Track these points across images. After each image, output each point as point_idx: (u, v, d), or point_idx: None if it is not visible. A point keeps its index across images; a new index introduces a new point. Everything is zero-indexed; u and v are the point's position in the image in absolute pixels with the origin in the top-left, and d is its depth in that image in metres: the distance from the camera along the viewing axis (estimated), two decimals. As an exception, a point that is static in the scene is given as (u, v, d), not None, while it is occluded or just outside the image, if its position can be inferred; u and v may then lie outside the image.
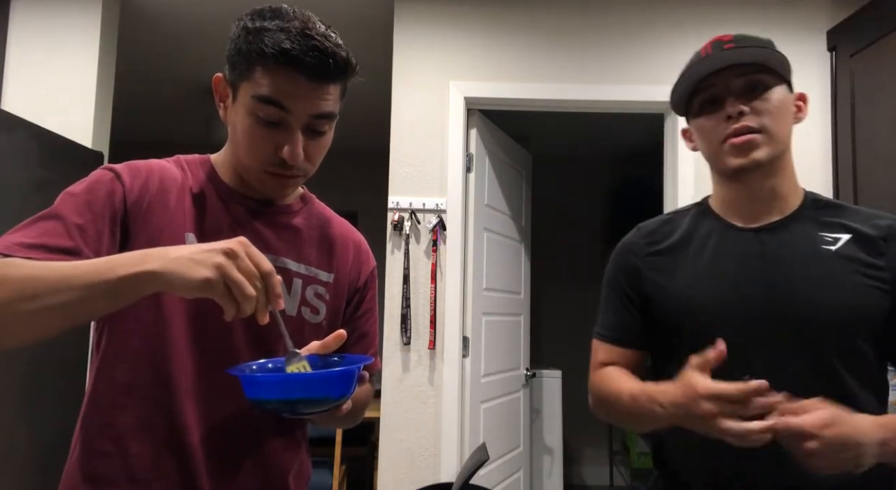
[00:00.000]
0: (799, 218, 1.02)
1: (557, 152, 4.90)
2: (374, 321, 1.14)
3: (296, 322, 0.98)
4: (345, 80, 0.93)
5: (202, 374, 0.90)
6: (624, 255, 1.15)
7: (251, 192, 0.99)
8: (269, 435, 0.97)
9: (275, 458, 0.97)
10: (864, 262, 0.95)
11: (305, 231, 1.04)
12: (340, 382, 0.81)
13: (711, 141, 1.02)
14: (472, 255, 2.81)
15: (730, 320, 0.98)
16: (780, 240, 1.00)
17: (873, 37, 2.36)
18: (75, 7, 2.69)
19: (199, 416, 0.90)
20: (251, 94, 0.88)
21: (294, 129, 0.89)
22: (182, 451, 0.88)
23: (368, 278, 1.11)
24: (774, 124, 0.98)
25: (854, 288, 0.94)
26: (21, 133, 2.22)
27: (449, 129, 2.72)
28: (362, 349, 1.09)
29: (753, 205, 1.03)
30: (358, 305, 1.09)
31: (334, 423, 1.04)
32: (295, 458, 1.01)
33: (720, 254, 1.03)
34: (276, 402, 0.78)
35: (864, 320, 0.94)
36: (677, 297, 1.04)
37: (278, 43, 0.84)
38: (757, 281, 0.98)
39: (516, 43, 2.77)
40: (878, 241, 0.96)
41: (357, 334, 1.09)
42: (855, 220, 1.00)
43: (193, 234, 0.93)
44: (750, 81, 0.99)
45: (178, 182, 0.95)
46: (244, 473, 0.93)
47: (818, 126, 2.68)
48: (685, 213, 1.14)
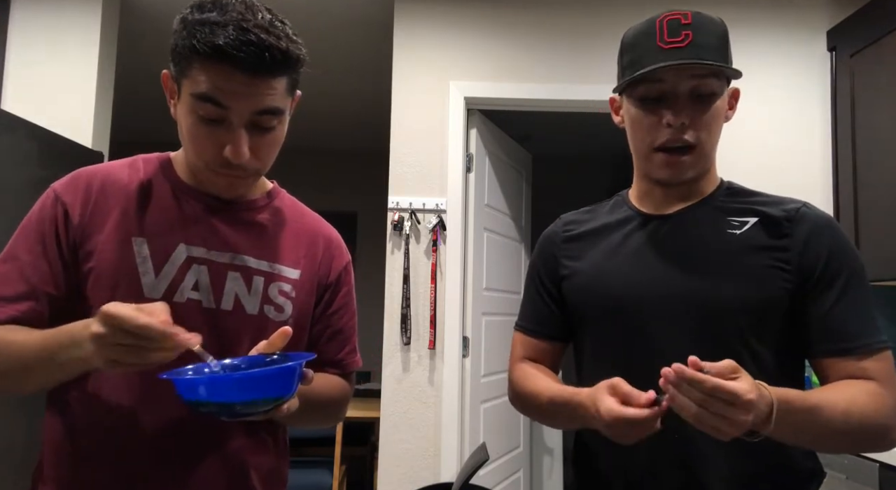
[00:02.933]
0: (708, 204, 1.02)
1: (557, 152, 4.90)
2: (350, 318, 1.10)
3: (258, 321, 0.95)
4: (288, 73, 0.88)
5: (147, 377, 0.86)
6: (542, 245, 1.16)
7: (209, 187, 0.96)
8: (230, 437, 0.93)
9: (237, 460, 0.94)
10: (767, 245, 0.95)
11: (271, 227, 1.01)
12: (276, 381, 0.77)
13: (644, 140, 0.99)
14: (472, 255, 2.81)
15: (633, 303, 0.98)
16: (688, 225, 1.01)
17: (873, 37, 2.36)
18: (75, 7, 2.69)
19: (145, 421, 0.88)
20: (190, 91, 0.85)
21: (236, 126, 0.86)
22: (128, 456, 0.87)
23: (341, 274, 1.07)
24: (709, 138, 0.97)
25: (756, 270, 0.94)
26: (21, 133, 2.22)
27: (449, 129, 2.72)
28: (337, 347, 1.06)
29: (668, 197, 1.04)
30: (330, 302, 1.06)
31: (297, 422, 1.00)
32: (263, 461, 0.98)
33: (629, 239, 1.04)
34: (211, 404, 0.75)
35: (767, 303, 0.93)
36: (584, 280, 1.06)
37: (211, 38, 0.81)
38: (661, 265, 0.98)
39: (516, 43, 2.77)
40: (783, 223, 0.95)
41: (331, 332, 1.06)
42: (764, 204, 0.99)
43: (143, 237, 0.91)
44: (700, 87, 0.95)
45: (124, 185, 0.94)
46: (200, 478, 0.90)
47: (818, 126, 2.68)
48: (605, 204, 1.15)
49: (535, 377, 1.07)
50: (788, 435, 0.83)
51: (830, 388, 0.90)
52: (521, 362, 1.14)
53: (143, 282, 0.89)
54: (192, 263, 0.92)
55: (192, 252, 0.92)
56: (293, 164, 5.18)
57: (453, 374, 2.62)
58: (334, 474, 3.02)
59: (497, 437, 3.00)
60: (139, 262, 0.90)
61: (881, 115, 2.32)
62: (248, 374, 0.78)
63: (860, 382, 0.89)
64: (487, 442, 2.31)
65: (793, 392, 0.83)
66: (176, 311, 0.84)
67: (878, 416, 0.87)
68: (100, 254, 0.89)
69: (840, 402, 0.85)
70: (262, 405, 0.77)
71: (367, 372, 4.60)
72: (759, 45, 2.73)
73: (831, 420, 0.84)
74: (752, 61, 2.72)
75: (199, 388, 0.75)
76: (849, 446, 0.93)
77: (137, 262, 0.89)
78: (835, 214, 2.57)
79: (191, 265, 0.92)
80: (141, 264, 0.89)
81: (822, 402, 0.84)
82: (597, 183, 5.03)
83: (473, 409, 2.76)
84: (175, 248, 0.92)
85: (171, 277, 0.90)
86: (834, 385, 0.91)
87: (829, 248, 0.93)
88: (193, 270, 0.92)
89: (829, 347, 0.92)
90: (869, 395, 0.87)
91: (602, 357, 1.04)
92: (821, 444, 0.92)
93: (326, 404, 1.03)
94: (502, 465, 3.09)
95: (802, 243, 0.94)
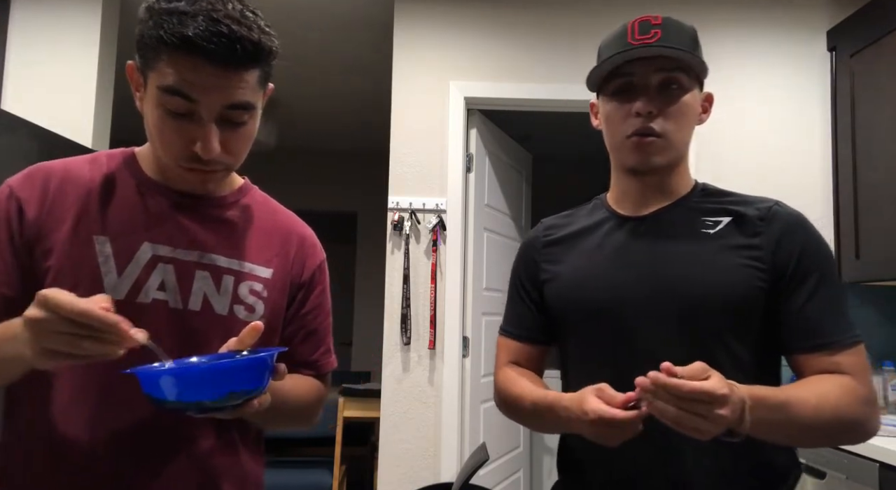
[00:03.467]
0: (683, 205, 1.04)
1: (557, 152, 4.90)
2: (325, 318, 1.06)
3: (228, 322, 0.91)
4: (260, 66, 0.85)
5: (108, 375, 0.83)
6: (524, 250, 1.18)
7: (178, 183, 0.92)
8: (198, 438, 0.89)
9: (206, 464, 0.90)
10: (740, 244, 0.97)
11: (241, 224, 0.98)
12: (247, 373, 0.74)
13: (616, 132, 1.03)
14: (472, 255, 2.81)
15: (615, 305, 1.00)
16: (663, 226, 1.03)
17: (873, 37, 2.36)
18: (75, 7, 2.69)
19: (106, 424, 0.85)
20: (156, 84, 0.81)
21: (206, 121, 0.82)
22: (88, 461, 0.84)
23: (315, 273, 1.04)
24: (677, 129, 0.99)
25: (730, 269, 0.95)
26: (21, 133, 2.22)
27: (449, 130, 2.72)
28: (311, 348, 1.03)
29: (643, 197, 1.06)
30: (304, 302, 1.02)
31: (269, 422, 0.97)
32: (234, 463, 0.94)
33: (607, 241, 1.06)
34: (178, 399, 0.70)
35: (743, 301, 0.95)
36: (565, 285, 1.07)
37: (179, 29, 0.77)
38: (640, 266, 1.00)
39: (516, 43, 2.77)
40: (756, 222, 0.98)
41: (304, 332, 1.02)
42: (737, 203, 1.02)
43: (105, 235, 0.87)
44: (667, 79, 0.99)
45: (86, 181, 0.90)
46: (166, 482, 0.86)
47: (818, 126, 2.68)
48: (584, 207, 1.17)
49: (519, 381, 1.09)
50: (763, 431, 0.84)
51: (803, 383, 0.92)
52: (505, 367, 1.16)
53: (104, 282, 0.85)
54: (157, 262, 0.89)
55: (158, 251, 0.89)
56: (293, 165, 5.21)
57: (453, 374, 2.62)
58: (334, 474, 3.02)
59: (497, 437, 3.00)
60: (101, 261, 0.86)
61: (881, 114, 2.32)
62: (216, 366, 0.73)
63: (833, 377, 0.91)
64: (487, 442, 2.31)
65: (764, 389, 0.85)
66: (141, 313, 0.82)
67: (849, 410, 0.88)
68: (59, 252, 0.86)
69: (811, 398, 0.87)
70: (232, 399, 0.73)
71: (367, 372, 4.60)
72: (759, 45, 2.73)
73: (803, 415, 0.86)
74: (752, 61, 2.72)
75: (165, 381, 0.71)
76: (824, 440, 0.96)
77: (99, 261, 0.86)
78: (835, 214, 2.57)
79: (156, 264, 0.88)
80: (103, 264, 0.86)
81: (792, 397, 0.86)
82: (597, 183, 5.00)
83: (473, 409, 2.76)
84: (139, 246, 0.88)
85: (135, 277, 0.87)
86: (807, 380, 0.93)
87: (801, 245, 0.95)
88: (159, 270, 0.88)
89: (803, 344, 0.94)
90: (841, 389, 0.89)
91: (587, 359, 1.05)
92: (796, 439, 0.94)
93: (300, 405, 1.00)
94: (502, 465, 3.09)
95: (775, 242, 0.96)
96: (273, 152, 4.65)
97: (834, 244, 2.58)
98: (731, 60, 2.72)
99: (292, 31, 3.12)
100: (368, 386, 3.59)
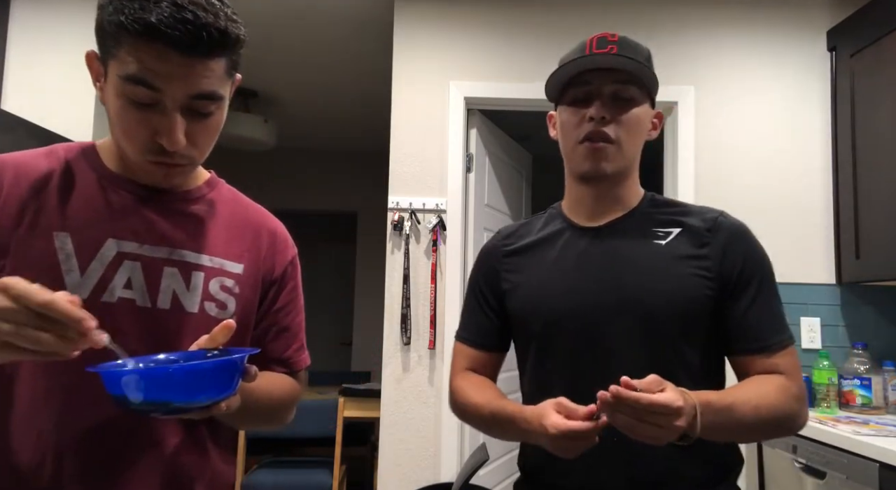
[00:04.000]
0: (635, 216, 1.09)
1: (557, 152, 4.89)
2: (298, 314, 1.04)
3: (199, 319, 0.88)
4: (227, 54, 0.81)
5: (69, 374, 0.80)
6: (483, 258, 1.21)
7: (141, 177, 0.89)
8: (165, 438, 0.86)
9: (173, 465, 0.86)
10: (690, 254, 1.03)
11: (210, 219, 0.94)
12: (216, 377, 0.71)
13: (569, 137, 1.08)
14: (472, 255, 2.80)
15: (575, 314, 1.04)
16: (617, 236, 1.07)
17: (873, 37, 2.36)
18: (75, 7, 2.69)
19: (68, 424, 0.81)
20: (117, 72, 0.78)
21: (170, 111, 0.79)
22: (50, 463, 0.81)
23: (287, 268, 1.02)
24: (628, 138, 1.04)
25: (680, 278, 1.01)
26: (21, 133, 2.22)
27: (449, 130, 2.72)
28: (284, 345, 1.01)
29: (597, 206, 1.10)
30: (276, 299, 1.00)
31: (240, 422, 0.94)
32: (204, 463, 0.91)
33: (564, 252, 1.10)
34: (142, 400, 0.67)
35: (693, 309, 1.00)
36: (527, 294, 1.11)
37: (141, 15, 0.74)
38: (595, 276, 1.05)
39: (516, 43, 2.77)
40: (704, 233, 1.04)
41: (277, 329, 1.00)
42: (687, 215, 1.07)
43: (66, 232, 0.83)
44: (620, 91, 1.03)
45: (42, 174, 0.85)
46: (130, 484, 0.83)
47: (818, 126, 2.68)
48: (540, 216, 1.21)
49: (477, 389, 1.13)
50: (712, 433, 0.89)
51: (744, 385, 1.00)
52: (462, 373, 1.20)
53: (66, 280, 0.81)
54: (123, 259, 0.85)
55: (123, 247, 0.85)
56: (293, 165, 5.20)
57: (453, 374, 2.62)
58: (334, 474, 3.02)
59: (497, 437, 3.00)
60: (62, 258, 0.82)
61: (881, 115, 2.32)
62: (185, 368, 0.70)
63: (770, 378, 0.99)
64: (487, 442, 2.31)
65: (712, 394, 0.91)
66: (107, 312, 0.78)
67: (783, 407, 0.96)
68: (16, 251, 0.81)
69: (752, 398, 0.94)
70: (200, 401, 0.70)
71: (367, 372, 4.61)
72: (759, 45, 2.73)
73: (745, 415, 0.92)
74: (751, 61, 2.72)
75: (129, 381, 0.67)
76: (762, 436, 1.09)
77: (60, 258, 0.82)
78: (835, 215, 2.57)
79: (122, 261, 0.85)
80: (64, 261, 0.82)
81: (737, 400, 0.93)
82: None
83: (473, 409, 2.76)
84: (103, 243, 0.84)
85: (100, 275, 0.83)
86: (747, 382, 1.01)
87: (743, 254, 1.03)
88: (125, 267, 0.85)
89: (746, 346, 1.02)
90: (776, 388, 0.97)
91: (546, 365, 1.08)
92: (740, 437, 1.03)
93: (272, 404, 0.97)
94: (502, 465, 3.09)
95: (721, 252, 1.02)
96: (273, 152, 4.65)
97: (834, 244, 2.59)
98: (731, 60, 2.72)
99: (293, 31, 3.12)
100: (368, 386, 3.59)
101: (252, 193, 1.08)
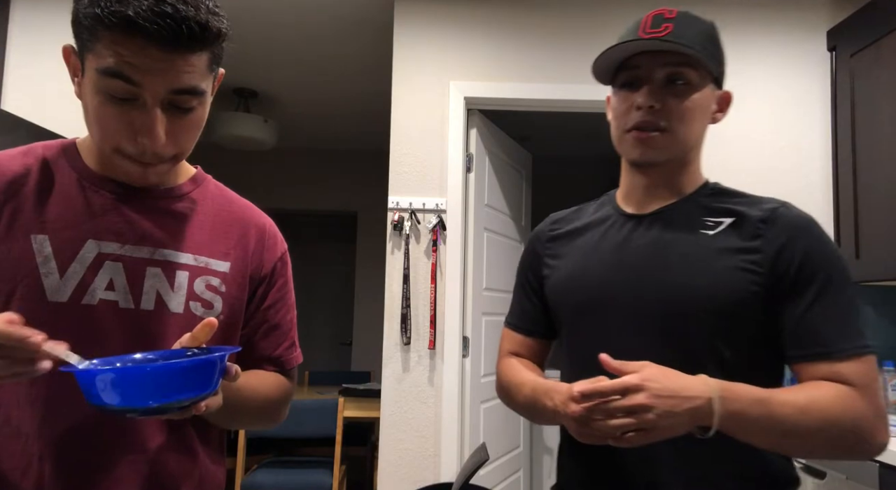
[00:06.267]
0: (686, 203, 1.02)
1: (557, 152, 4.90)
2: (288, 311, 1.01)
3: (183, 320, 0.86)
4: (209, 48, 0.79)
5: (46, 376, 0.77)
6: (530, 243, 1.18)
7: (121, 175, 0.86)
8: (148, 439, 0.84)
9: (157, 467, 0.84)
10: (738, 247, 0.93)
11: (195, 216, 0.92)
12: (193, 376, 0.69)
13: (619, 125, 1.02)
14: (472, 255, 2.81)
15: (602, 303, 0.99)
16: (661, 226, 1.00)
17: (873, 37, 2.36)
18: (75, 7, 2.69)
19: (47, 427, 0.79)
20: (95, 67, 0.75)
21: (150, 106, 0.76)
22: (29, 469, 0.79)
23: (277, 265, 0.99)
24: (682, 126, 0.97)
25: (723, 272, 0.92)
26: (21, 133, 2.22)
27: (449, 129, 2.72)
28: (274, 343, 0.99)
29: (647, 193, 1.04)
30: (265, 296, 0.97)
31: (227, 422, 0.92)
32: (192, 464, 0.89)
33: (606, 238, 1.04)
34: (118, 403, 0.66)
35: (734, 305, 0.91)
36: (561, 279, 1.07)
37: (119, 7, 0.72)
38: (629, 266, 0.99)
39: (516, 43, 2.77)
40: (758, 224, 0.94)
41: (267, 327, 0.98)
42: (743, 204, 0.98)
43: (44, 234, 0.81)
44: (673, 74, 0.95)
45: (18, 174, 0.83)
46: (113, 480, 0.81)
47: (818, 126, 2.68)
48: (594, 202, 1.16)
49: (519, 370, 1.10)
50: (743, 431, 0.82)
51: (794, 387, 0.88)
52: (507, 357, 1.17)
53: (45, 284, 0.79)
54: (103, 261, 0.83)
55: (104, 248, 0.83)
56: (293, 164, 5.20)
57: (453, 374, 2.62)
58: (334, 474, 3.02)
59: (497, 437, 3.00)
60: (40, 262, 0.79)
61: (881, 115, 2.32)
62: (159, 367, 0.67)
63: (830, 384, 0.86)
64: (487, 442, 2.31)
65: (741, 384, 0.83)
66: (88, 315, 0.78)
67: (844, 418, 0.83)
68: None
69: (800, 399, 0.83)
70: (178, 402, 0.68)
71: (367, 372, 4.61)
72: (759, 45, 2.73)
73: (787, 415, 0.82)
74: (752, 61, 2.72)
75: (105, 381, 0.65)
76: (820, 447, 0.87)
77: (38, 261, 0.79)
78: (835, 214, 2.57)
79: (102, 263, 0.82)
80: (42, 264, 0.79)
81: (776, 395, 0.83)
82: (597, 183, 5.03)
83: (473, 409, 2.76)
84: (83, 244, 0.82)
85: (80, 278, 0.81)
86: (800, 385, 0.89)
87: (804, 250, 0.91)
88: (106, 268, 0.82)
89: (803, 352, 0.90)
90: (837, 395, 0.84)
91: (576, 357, 1.05)
92: (786, 443, 0.86)
93: (261, 403, 0.95)
94: (502, 465, 3.09)
95: (776, 245, 0.92)
96: (273, 152, 4.65)
97: (834, 244, 2.59)
98: (731, 60, 2.71)
99: (293, 31, 3.12)
100: (368, 386, 3.59)
101: (252, 193, 1.07)
